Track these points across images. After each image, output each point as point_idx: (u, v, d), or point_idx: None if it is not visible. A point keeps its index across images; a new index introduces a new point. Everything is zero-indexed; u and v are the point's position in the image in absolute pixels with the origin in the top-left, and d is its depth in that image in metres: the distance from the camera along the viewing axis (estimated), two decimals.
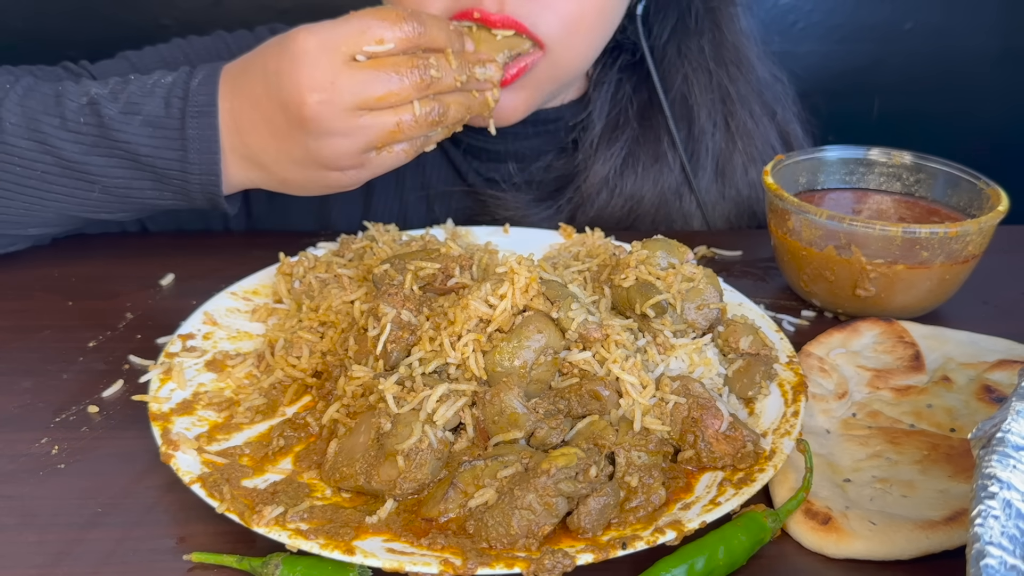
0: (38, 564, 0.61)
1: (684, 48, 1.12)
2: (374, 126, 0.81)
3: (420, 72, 0.81)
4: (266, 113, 0.83)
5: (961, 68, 1.64)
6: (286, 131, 0.83)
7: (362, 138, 0.82)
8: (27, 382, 0.80)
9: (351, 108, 0.80)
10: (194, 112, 0.85)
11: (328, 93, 0.79)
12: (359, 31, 0.80)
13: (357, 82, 0.79)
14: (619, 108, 1.12)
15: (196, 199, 0.89)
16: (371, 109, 0.80)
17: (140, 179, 0.87)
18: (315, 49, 0.80)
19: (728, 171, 1.15)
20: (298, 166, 0.85)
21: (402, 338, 0.73)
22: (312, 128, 0.81)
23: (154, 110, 0.85)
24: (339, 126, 0.81)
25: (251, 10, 1.46)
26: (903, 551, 0.62)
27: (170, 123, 0.85)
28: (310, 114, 0.80)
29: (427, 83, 0.81)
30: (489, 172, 1.14)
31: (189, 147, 0.85)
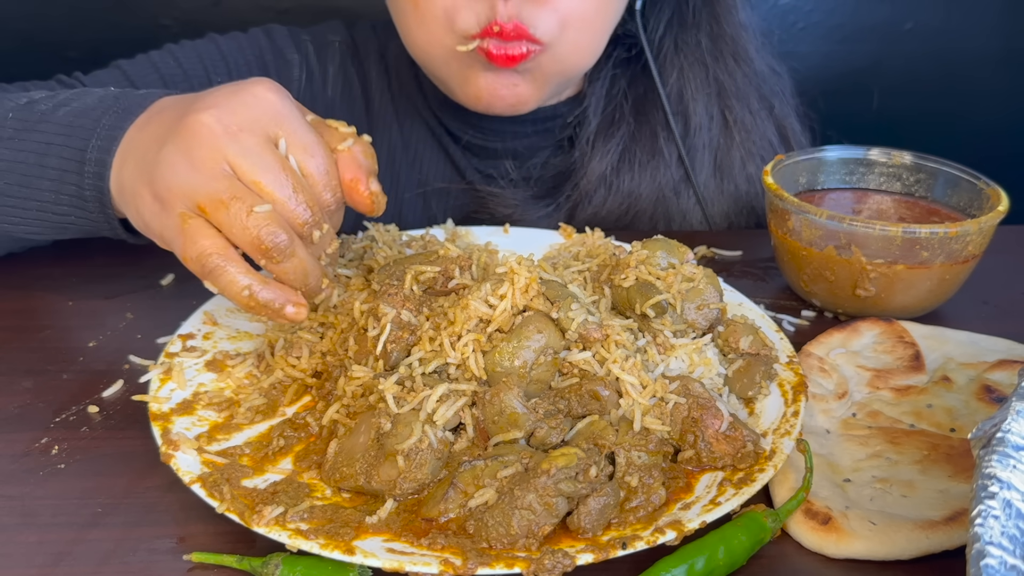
0: (38, 564, 0.61)
1: (681, 42, 1.12)
2: (217, 179, 0.68)
3: (307, 216, 0.70)
4: (167, 116, 0.75)
5: (961, 69, 1.64)
6: (163, 131, 0.73)
7: (199, 180, 0.68)
8: (27, 382, 0.80)
9: (225, 157, 0.68)
10: (118, 109, 0.79)
11: (225, 130, 0.69)
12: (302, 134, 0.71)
13: (257, 150, 0.69)
14: (614, 104, 1.12)
15: (88, 201, 0.80)
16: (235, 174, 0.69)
17: (39, 176, 0.82)
18: (262, 100, 0.71)
19: (726, 166, 1.15)
20: (137, 168, 0.75)
21: (402, 338, 0.73)
22: (181, 138, 0.70)
23: (86, 104, 0.81)
24: (200, 156, 0.69)
25: (251, 10, 1.46)
26: (903, 551, 0.62)
27: (92, 114, 0.80)
28: (194, 125, 0.69)
29: (299, 229, 0.70)
30: (487, 169, 1.14)
31: (95, 135, 0.79)
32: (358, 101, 1.17)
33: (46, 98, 0.85)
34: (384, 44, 1.17)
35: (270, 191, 0.69)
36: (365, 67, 1.18)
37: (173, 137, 0.70)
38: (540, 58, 0.96)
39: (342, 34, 1.20)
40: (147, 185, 0.72)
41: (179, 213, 0.69)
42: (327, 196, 0.72)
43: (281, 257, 0.69)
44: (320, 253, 0.73)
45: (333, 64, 1.17)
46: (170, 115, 0.75)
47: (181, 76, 1.09)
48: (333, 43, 1.18)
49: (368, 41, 1.19)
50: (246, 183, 0.69)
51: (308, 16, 1.27)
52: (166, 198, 0.70)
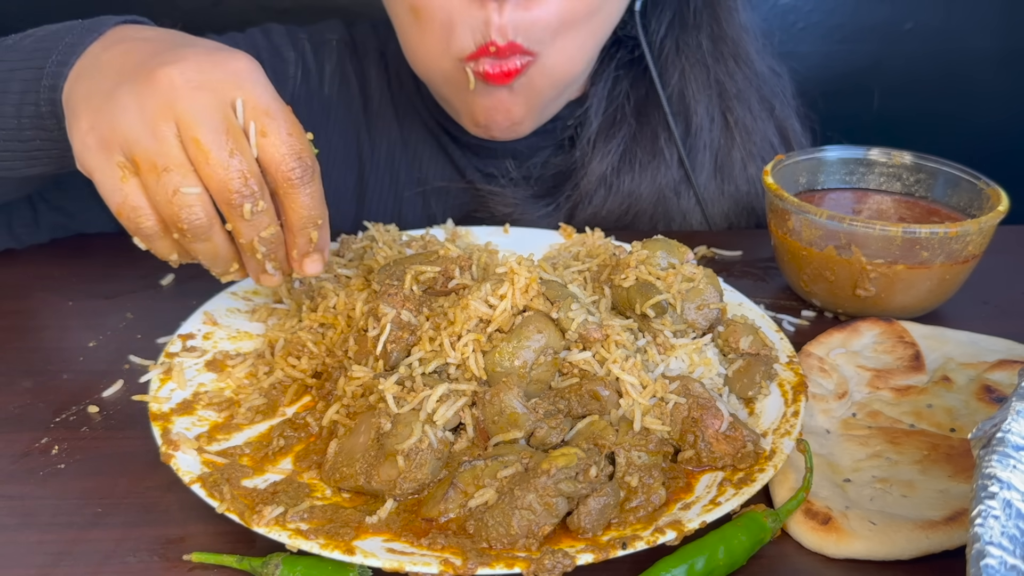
0: (38, 564, 0.61)
1: (682, 43, 1.12)
2: (160, 142, 0.66)
3: (241, 186, 0.67)
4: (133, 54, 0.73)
5: (962, 69, 1.64)
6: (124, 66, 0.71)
7: (141, 135, 0.67)
8: (27, 382, 0.80)
9: (176, 113, 0.66)
10: (83, 27, 0.78)
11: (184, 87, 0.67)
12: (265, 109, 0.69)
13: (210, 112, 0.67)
14: (616, 105, 1.12)
15: (45, 117, 0.78)
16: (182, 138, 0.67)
17: (2, 101, 0.80)
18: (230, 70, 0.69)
19: (727, 167, 1.15)
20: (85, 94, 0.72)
21: (402, 338, 0.73)
22: (140, 86, 0.67)
23: (54, 29, 0.81)
24: (151, 108, 0.67)
25: (251, 10, 1.46)
26: (903, 551, 0.62)
27: (57, 35, 0.78)
28: (156, 75, 0.67)
29: (231, 200, 0.67)
30: (487, 168, 1.14)
31: (56, 50, 0.77)
32: (356, 99, 1.17)
33: (18, 35, 0.84)
34: (384, 43, 1.17)
35: (205, 148, 0.66)
36: (364, 65, 1.18)
37: (133, 80, 0.68)
38: (531, 71, 0.96)
39: (341, 32, 1.19)
40: (91, 113, 0.69)
41: (117, 162, 0.68)
42: (288, 163, 0.68)
43: (194, 238, 0.68)
44: (252, 234, 0.69)
45: (330, 62, 1.17)
46: (139, 53, 0.72)
47: None
48: (330, 41, 1.18)
49: (368, 40, 1.19)
50: (184, 140, 0.66)
51: (308, 16, 1.27)
52: (107, 138, 0.68)
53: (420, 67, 1.03)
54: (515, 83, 0.96)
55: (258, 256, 0.71)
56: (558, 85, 1.02)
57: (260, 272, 0.74)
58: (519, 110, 0.99)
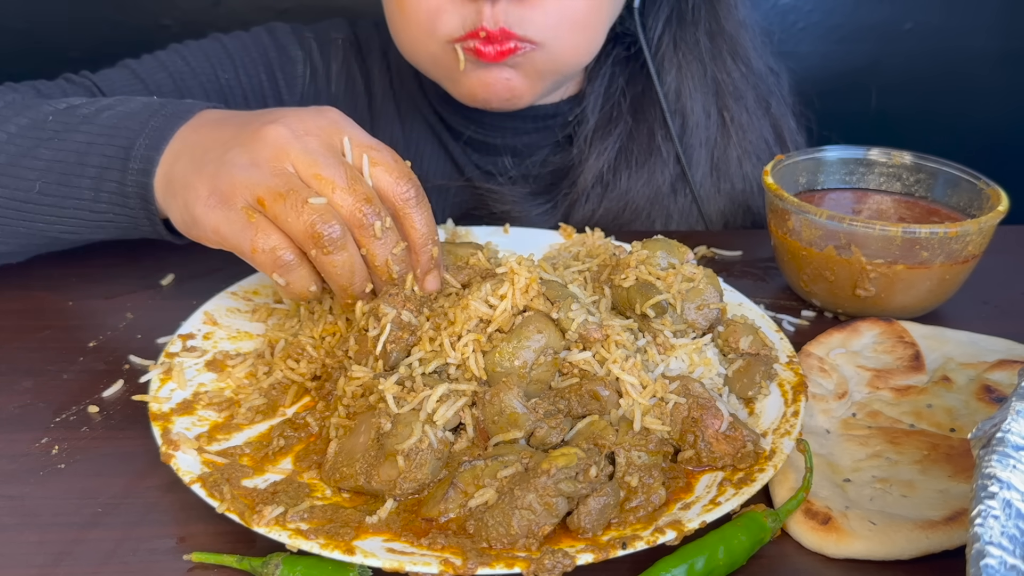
0: (38, 564, 0.61)
1: (679, 40, 1.12)
2: (279, 176, 0.71)
3: (368, 208, 0.71)
4: (229, 127, 0.77)
5: (961, 68, 1.64)
6: (227, 135, 0.76)
7: (262, 177, 0.71)
8: (27, 382, 0.80)
9: (292, 158, 0.71)
10: (166, 113, 0.82)
11: (293, 135, 0.72)
12: (370, 144, 0.74)
13: (322, 152, 0.72)
14: (612, 102, 1.13)
15: (130, 197, 0.81)
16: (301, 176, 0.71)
17: (80, 174, 0.82)
18: (327, 117, 0.75)
19: (723, 165, 1.15)
20: (194, 163, 0.76)
21: (402, 338, 0.73)
22: (252, 143, 0.73)
23: (130, 108, 0.83)
24: (266, 158, 0.72)
25: (251, 10, 1.46)
26: (903, 551, 0.62)
27: (138, 117, 0.81)
28: (265, 133, 0.73)
29: (362, 222, 0.71)
30: (486, 165, 1.14)
31: (142, 134, 0.80)
32: (361, 98, 1.17)
33: (87, 103, 0.86)
34: (386, 41, 1.17)
35: (329, 179, 0.71)
36: (368, 64, 1.18)
37: (242, 141, 0.73)
38: (533, 55, 0.96)
39: (345, 31, 1.20)
40: (207, 180, 0.73)
41: (242, 208, 0.71)
42: (401, 186, 0.73)
43: (332, 248, 0.70)
44: (386, 253, 0.73)
45: (336, 61, 1.17)
46: (233, 125, 0.77)
47: (189, 73, 1.09)
48: (336, 40, 1.18)
49: (371, 38, 1.19)
50: (305, 178, 0.71)
51: (308, 16, 1.27)
52: (227, 193, 0.72)
53: (407, 50, 1.03)
54: (511, 61, 0.96)
55: (393, 275, 0.74)
56: (562, 71, 1.02)
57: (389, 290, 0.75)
58: (519, 82, 0.99)
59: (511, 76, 0.98)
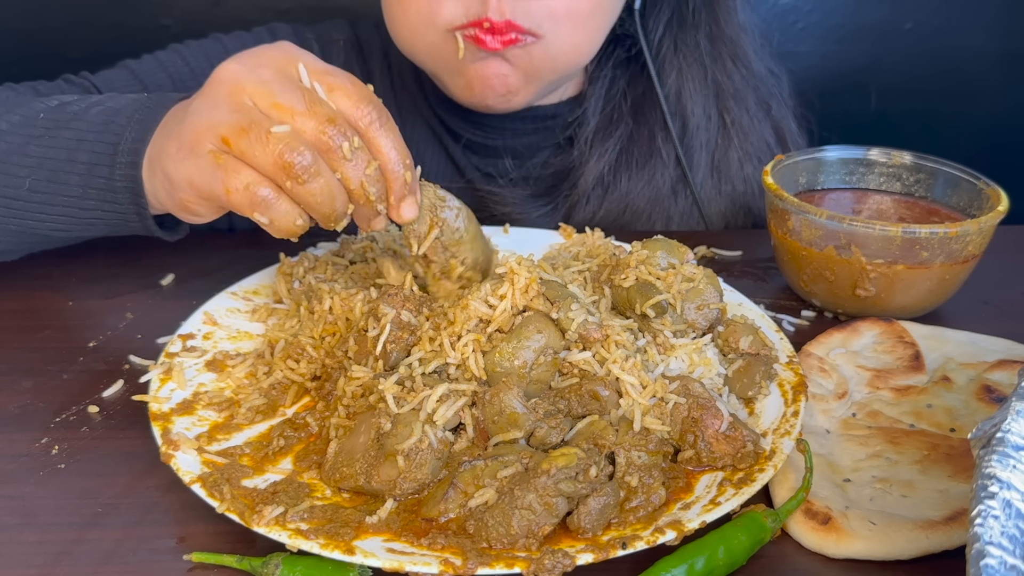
0: (38, 564, 0.61)
1: (680, 42, 1.12)
2: (239, 110, 0.69)
3: (333, 128, 0.68)
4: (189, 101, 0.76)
5: (961, 68, 1.64)
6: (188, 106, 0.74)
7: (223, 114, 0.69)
8: (27, 382, 0.80)
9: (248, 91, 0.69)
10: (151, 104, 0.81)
11: (245, 68, 0.70)
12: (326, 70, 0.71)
13: (276, 80, 0.69)
14: (613, 104, 1.12)
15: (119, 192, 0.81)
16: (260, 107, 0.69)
17: (68, 171, 0.82)
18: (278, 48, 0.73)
19: (723, 166, 1.15)
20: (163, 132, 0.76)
21: (402, 338, 0.73)
22: (207, 87, 0.71)
23: (118, 104, 0.83)
24: (223, 96, 0.70)
25: (251, 10, 1.46)
26: (903, 551, 0.62)
27: (125, 112, 0.81)
28: (217, 74, 0.71)
29: (328, 144, 0.68)
30: (487, 167, 1.14)
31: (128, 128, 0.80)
32: None
33: (78, 100, 0.86)
34: (387, 42, 1.17)
35: (287, 105, 0.68)
36: (369, 65, 1.18)
37: (201, 92, 0.72)
38: (532, 48, 0.96)
39: (347, 33, 1.20)
40: (175, 138, 0.72)
41: (208, 152, 0.69)
42: (362, 109, 0.70)
43: (306, 176, 0.67)
44: (359, 174, 0.69)
45: (338, 62, 1.17)
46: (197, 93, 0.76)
47: (188, 74, 1.09)
48: (337, 41, 1.18)
49: (372, 40, 1.19)
50: (264, 109, 0.68)
51: (308, 16, 1.27)
52: (191, 141, 0.70)
53: (404, 42, 1.03)
54: (510, 53, 0.96)
55: (371, 198, 0.71)
56: (559, 69, 1.02)
57: (372, 216, 0.73)
58: (515, 79, 0.99)
59: (508, 72, 0.98)
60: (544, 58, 0.98)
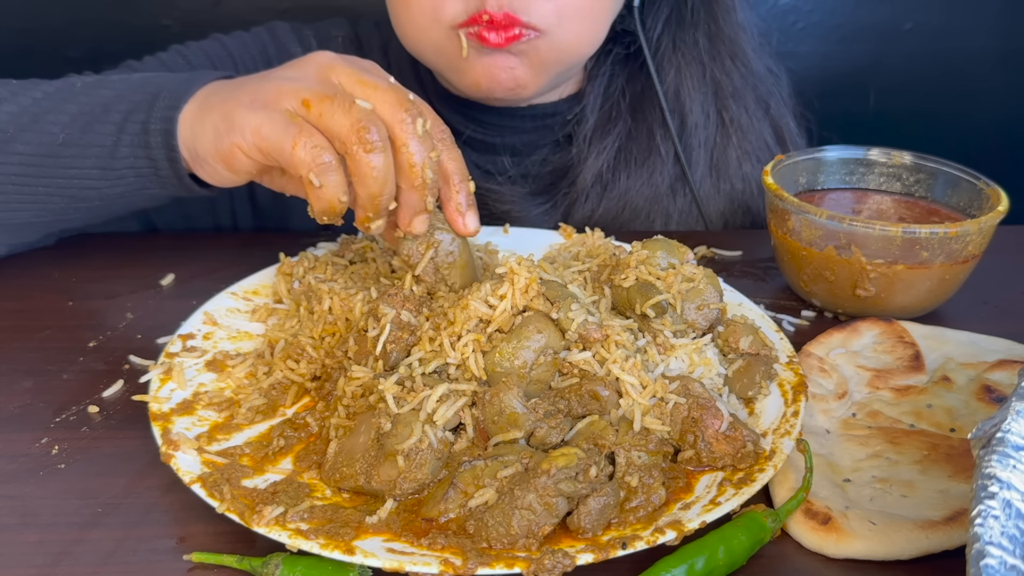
0: (38, 564, 0.61)
1: (679, 40, 1.12)
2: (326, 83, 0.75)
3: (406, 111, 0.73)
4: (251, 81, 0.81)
5: (961, 68, 1.64)
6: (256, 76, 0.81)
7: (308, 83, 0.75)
8: (27, 382, 0.80)
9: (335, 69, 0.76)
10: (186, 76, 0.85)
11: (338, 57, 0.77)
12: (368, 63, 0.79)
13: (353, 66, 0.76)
14: (612, 102, 1.12)
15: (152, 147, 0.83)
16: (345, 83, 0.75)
17: (103, 121, 0.84)
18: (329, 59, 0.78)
19: (722, 165, 1.15)
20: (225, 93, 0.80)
21: (402, 338, 0.73)
22: (300, 62, 0.78)
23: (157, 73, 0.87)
24: (312, 72, 0.76)
25: (251, 10, 1.46)
26: (903, 551, 0.62)
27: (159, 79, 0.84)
28: (317, 56, 0.78)
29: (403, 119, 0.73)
30: (486, 164, 1.14)
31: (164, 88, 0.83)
32: None
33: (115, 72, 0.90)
34: (387, 40, 1.17)
35: (371, 82, 0.74)
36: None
37: (287, 65, 0.79)
38: (537, 43, 0.96)
39: (345, 30, 1.20)
40: (250, 92, 0.76)
41: (285, 109, 0.73)
42: (439, 127, 0.77)
43: (374, 147, 0.71)
44: (424, 153, 0.74)
45: None
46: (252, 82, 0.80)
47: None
48: (336, 38, 1.18)
49: (371, 37, 1.19)
50: (348, 87, 0.74)
51: (308, 15, 1.27)
52: (271, 98, 0.74)
53: (410, 41, 1.03)
54: (515, 48, 0.96)
55: (427, 180, 0.74)
56: (565, 61, 1.02)
57: (419, 208, 0.76)
58: (523, 72, 0.99)
59: (515, 65, 0.98)
60: (550, 50, 0.98)
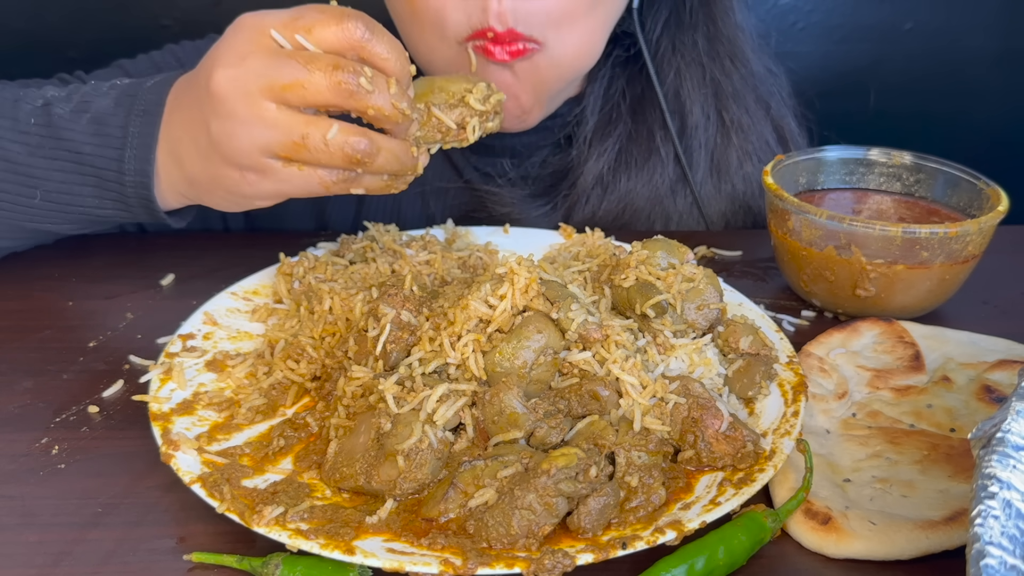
0: (38, 564, 0.61)
1: (678, 42, 1.12)
2: (278, 126, 0.72)
3: (343, 74, 0.70)
4: (191, 100, 0.79)
5: (961, 68, 1.64)
6: (198, 114, 0.77)
7: (261, 135, 0.72)
8: (27, 382, 0.80)
9: (255, 92, 0.72)
10: (139, 111, 0.83)
11: (236, 70, 0.72)
12: (291, 17, 0.73)
13: (267, 63, 0.71)
14: (612, 103, 1.12)
15: (132, 205, 0.85)
16: (280, 102, 0.72)
17: (80, 184, 0.85)
18: (243, 27, 0.75)
19: (723, 166, 1.15)
20: (202, 157, 0.78)
21: (402, 338, 0.73)
22: (217, 107, 0.73)
23: (103, 108, 0.84)
24: (241, 110, 0.72)
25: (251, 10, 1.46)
26: (903, 551, 0.62)
27: (115, 120, 0.83)
28: (216, 89, 0.73)
29: (347, 89, 0.71)
30: (485, 167, 1.14)
31: (128, 145, 0.82)
32: None
33: (60, 100, 0.86)
34: None
35: (293, 82, 0.71)
36: None
37: (209, 112, 0.74)
38: (536, 59, 0.96)
39: None
40: (227, 166, 0.76)
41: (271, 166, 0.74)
42: (347, 30, 0.72)
43: (371, 158, 0.73)
44: (386, 100, 0.72)
45: None
46: (190, 96, 0.79)
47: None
48: None
49: None
50: (287, 100, 0.72)
51: None
52: (253, 165, 0.74)
53: (421, 60, 1.03)
54: (518, 66, 0.95)
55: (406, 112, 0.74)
56: (565, 76, 1.02)
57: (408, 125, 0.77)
58: (527, 98, 0.99)
59: (519, 93, 0.98)
60: (549, 67, 0.97)
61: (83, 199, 0.85)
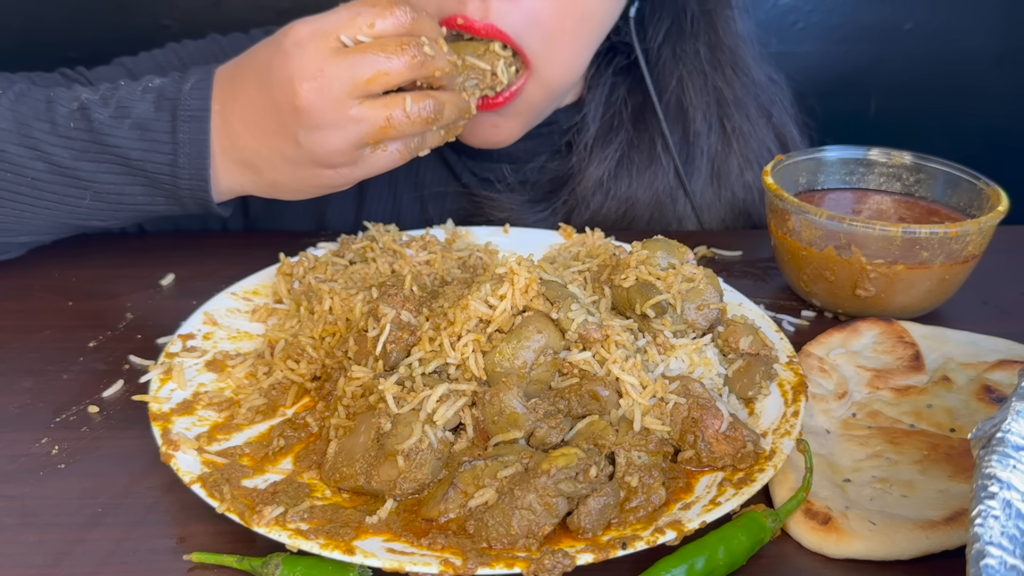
0: (38, 564, 0.61)
1: (679, 51, 1.12)
2: (366, 119, 0.80)
3: (412, 50, 0.79)
4: (258, 111, 0.82)
5: (961, 68, 1.64)
6: (278, 128, 0.82)
7: (354, 132, 0.80)
8: (27, 382, 0.80)
9: (342, 96, 0.78)
10: (185, 116, 0.84)
11: (318, 81, 0.78)
12: (349, 18, 0.80)
13: (346, 66, 0.78)
14: (613, 111, 1.12)
15: (187, 204, 0.88)
16: (363, 97, 0.79)
17: (131, 184, 0.86)
18: (305, 39, 0.80)
19: (724, 173, 1.15)
20: (290, 165, 0.84)
21: (402, 338, 0.73)
22: (304, 120, 0.79)
23: (144, 113, 0.84)
24: (331, 117, 0.79)
25: (251, 10, 1.46)
26: (903, 551, 0.62)
27: (160, 126, 0.84)
28: (302, 104, 0.78)
29: (419, 61, 0.80)
30: (483, 172, 1.14)
31: (179, 151, 0.84)
32: None
33: (95, 103, 0.86)
34: None
35: (380, 72, 0.79)
36: None
37: (296, 125, 0.80)
38: (528, 87, 0.96)
39: None
40: (320, 168, 0.83)
41: (371, 155, 0.83)
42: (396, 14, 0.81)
43: (440, 113, 0.83)
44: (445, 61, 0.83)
45: None
46: (257, 110, 0.83)
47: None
48: None
49: None
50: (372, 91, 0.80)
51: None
52: (346, 160, 0.83)
53: None
54: (505, 111, 0.96)
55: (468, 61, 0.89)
56: (553, 95, 1.02)
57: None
58: (507, 126, 1.01)
59: (499, 122, 1.00)
60: (538, 90, 0.97)
61: (134, 198, 0.88)
